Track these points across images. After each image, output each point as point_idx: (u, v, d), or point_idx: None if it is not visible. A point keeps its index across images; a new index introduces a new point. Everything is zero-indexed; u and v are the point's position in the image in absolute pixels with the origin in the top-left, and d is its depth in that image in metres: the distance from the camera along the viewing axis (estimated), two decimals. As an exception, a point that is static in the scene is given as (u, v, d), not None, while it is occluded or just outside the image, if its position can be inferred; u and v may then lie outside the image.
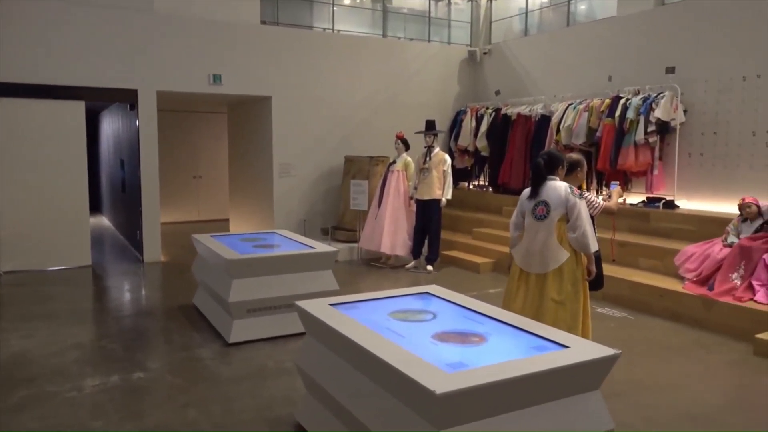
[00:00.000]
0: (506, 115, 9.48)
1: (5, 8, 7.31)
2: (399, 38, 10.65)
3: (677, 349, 5.04)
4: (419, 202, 8.00)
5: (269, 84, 8.99)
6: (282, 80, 9.06)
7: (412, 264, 8.14)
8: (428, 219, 7.95)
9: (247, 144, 10.08)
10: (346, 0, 10.53)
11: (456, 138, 10.27)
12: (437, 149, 8.08)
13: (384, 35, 10.52)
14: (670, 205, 7.32)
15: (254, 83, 8.91)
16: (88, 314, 6.12)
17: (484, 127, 9.72)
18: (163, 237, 8.74)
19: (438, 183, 7.90)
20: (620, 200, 7.53)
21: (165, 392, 4.10)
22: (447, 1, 11.20)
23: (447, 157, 8.03)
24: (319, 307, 3.38)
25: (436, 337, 3.08)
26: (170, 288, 7.31)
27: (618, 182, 5.91)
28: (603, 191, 8.00)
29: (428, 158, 7.96)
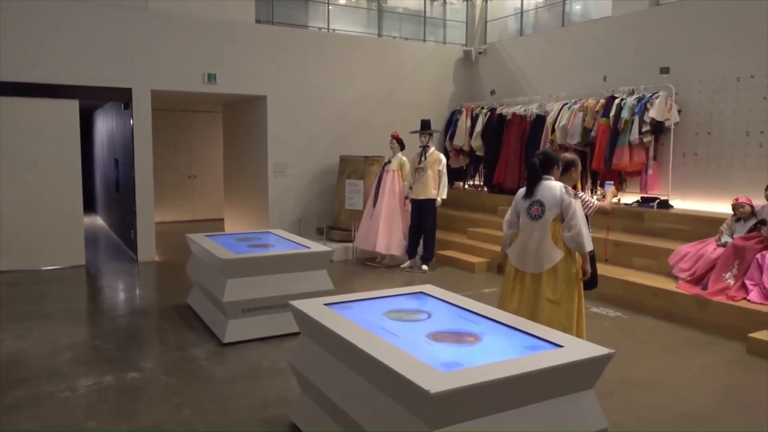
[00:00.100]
0: (501, 115, 9.49)
1: (-1, 7, 7.29)
2: (394, 38, 10.65)
3: (671, 349, 5.06)
4: (414, 202, 8.00)
5: (264, 83, 8.98)
6: (277, 79, 9.05)
7: (408, 264, 8.15)
8: (423, 219, 7.95)
9: (242, 143, 10.07)
10: (342, -1, 10.55)
11: (451, 138, 10.28)
12: (432, 149, 8.09)
13: (379, 35, 10.52)
14: (665, 205, 7.35)
15: (249, 82, 8.90)
16: (82, 314, 6.10)
17: (480, 127, 9.73)
18: (158, 237, 8.71)
19: (433, 183, 7.91)
20: (614, 200, 7.55)
21: (159, 392, 4.09)
22: (442, 1, 11.19)
23: (442, 157, 8.04)
24: (314, 307, 3.38)
25: (431, 337, 3.08)
26: (165, 288, 7.29)
27: (612, 182, 5.92)
28: (597, 191, 8.03)
29: (423, 158, 7.96)
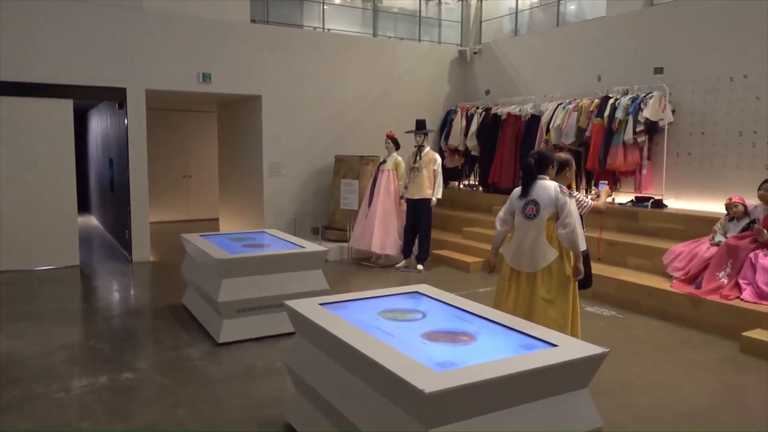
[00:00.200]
0: (496, 115, 9.50)
1: (-8, 6, 7.26)
2: (389, 37, 10.65)
3: (665, 348, 5.08)
4: (409, 202, 8.01)
5: (259, 83, 8.97)
6: (272, 79, 9.04)
7: (403, 263, 8.15)
8: (418, 218, 7.96)
9: (237, 143, 10.05)
10: (337, -1, 10.54)
11: (446, 137, 10.29)
12: (427, 149, 8.09)
13: (374, 34, 10.52)
14: (659, 205, 7.38)
15: (244, 82, 8.88)
16: (77, 314, 6.08)
17: (475, 127, 9.74)
18: (153, 236, 8.69)
19: (428, 182, 7.91)
20: (609, 200, 7.58)
21: (154, 392, 4.08)
22: (437, 1, 11.20)
23: (437, 157, 8.05)
24: (309, 307, 3.38)
25: (426, 337, 3.08)
26: (159, 288, 7.27)
27: (606, 182, 5.96)
28: (592, 190, 8.05)
29: (418, 157, 7.97)
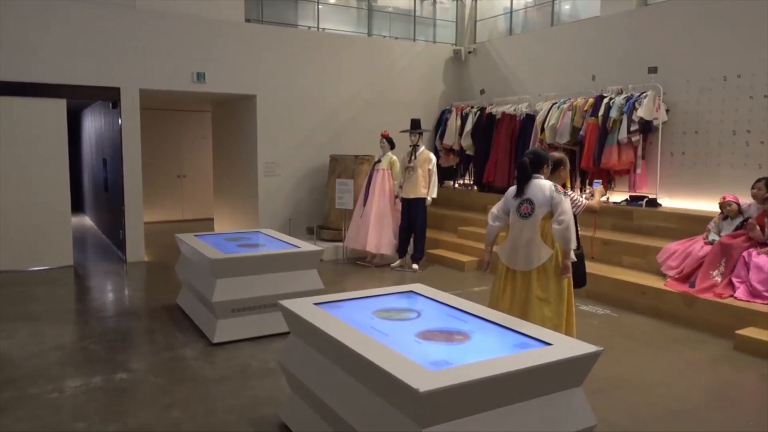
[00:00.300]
0: (491, 114, 9.51)
1: (-16, 5, 7.22)
2: (384, 37, 10.65)
3: (659, 346, 5.09)
4: (404, 201, 8.01)
5: (254, 82, 8.95)
6: (267, 79, 9.02)
7: (398, 263, 8.15)
8: (413, 218, 7.96)
9: (232, 143, 10.03)
10: (331, -2, 10.52)
11: (441, 137, 10.30)
12: (422, 148, 8.09)
13: (369, 34, 10.51)
14: (653, 204, 7.40)
15: (239, 81, 8.86)
16: (71, 315, 6.05)
17: (469, 126, 9.75)
18: (147, 237, 8.66)
19: (423, 182, 7.92)
20: (603, 199, 7.59)
21: (148, 393, 4.06)
22: (432, 0, 11.21)
23: (432, 156, 8.05)
24: (303, 307, 3.37)
25: (421, 336, 3.08)
26: (153, 288, 7.25)
27: (601, 181, 5.96)
28: (587, 189, 8.06)
29: (413, 157, 7.97)
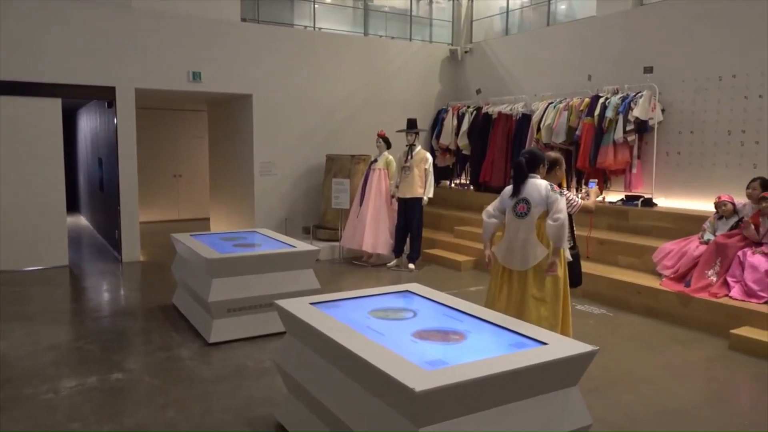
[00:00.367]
0: (487, 114, 9.52)
1: (-21, 4, 7.19)
2: (380, 36, 10.64)
3: (655, 345, 5.11)
4: (401, 201, 8.01)
5: (250, 82, 8.93)
6: (263, 78, 9.01)
7: (394, 262, 8.15)
8: (410, 217, 7.96)
9: (228, 142, 10.01)
10: (328, -2, 10.52)
11: (437, 136, 10.30)
12: (419, 148, 8.10)
13: (365, 33, 10.51)
14: (648, 203, 7.41)
15: (234, 81, 8.84)
16: (66, 315, 6.03)
17: (466, 126, 9.76)
18: (142, 236, 8.64)
19: (419, 181, 7.92)
20: (599, 199, 7.61)
21: (143, 393, 4.05)
22: (428, 0, 11.21)
23: (428, 156, 8.05)
24: (299, 306, 3.37)
25: (417, 335, 3.08)
26: (149, 288, 7.23)
27: (596, 180, 5.98)
28: (582, 189, 8.08)
29: (410, 156, 7.97)
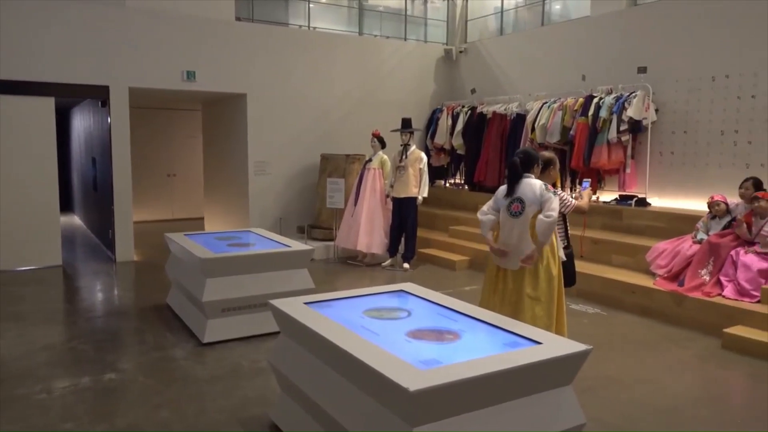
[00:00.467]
0: (482, 114, 9.53)
1: (-29, 2, 7.14)
2: (375, 36, 10.64)
3: (648, 344, 5.13)
4: (395, 200, 8.01)
5: (244, 81, 8.91)
6: (257, 77, 8.99)
7: (389, 262, 8.15)
8: (405, 217, 7.97)
9: (222, 142, 9.99)
10: (322, -3, 10.50)
11: (432, 136, 10.31)
12: (413, 147, 8.10)
13: (360, 33, 10.50)
14: (642, 203, 7.44)
15: (229, 80, 8.82)
16: (59, 315, 6.01)
17: (460, 126, 9.77)
18: (136, 236, 8.61)
19: (414, 181, 7.92)
20: (592, 199, 7.63)
21: (137, 393, 4.04)
22: (423, 0, 11.21)
23: (423, 155, 8.06)
24: (294, 306, 3.37)
25: (411, 335, 3.09)
26: (143, 288, 7.21)
27: (589, 180, 5.99)
28: (576, 189, 8.10)
29: (404, 156, 7.97)
